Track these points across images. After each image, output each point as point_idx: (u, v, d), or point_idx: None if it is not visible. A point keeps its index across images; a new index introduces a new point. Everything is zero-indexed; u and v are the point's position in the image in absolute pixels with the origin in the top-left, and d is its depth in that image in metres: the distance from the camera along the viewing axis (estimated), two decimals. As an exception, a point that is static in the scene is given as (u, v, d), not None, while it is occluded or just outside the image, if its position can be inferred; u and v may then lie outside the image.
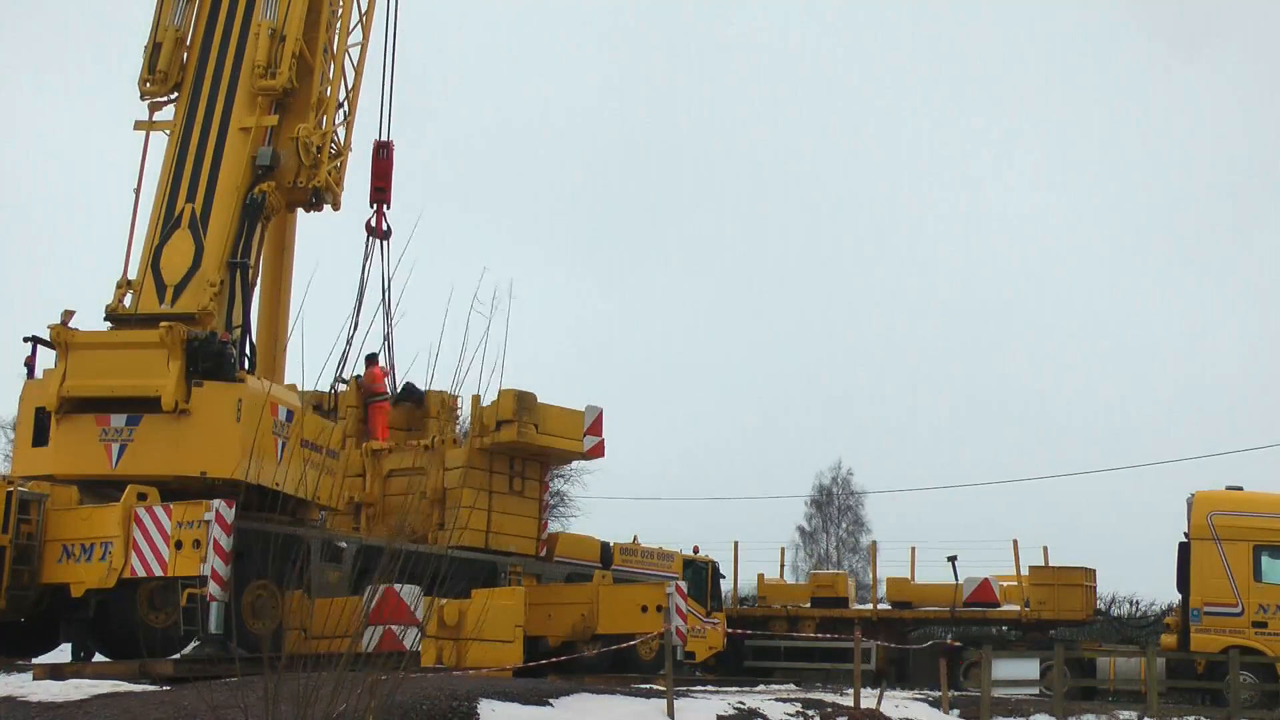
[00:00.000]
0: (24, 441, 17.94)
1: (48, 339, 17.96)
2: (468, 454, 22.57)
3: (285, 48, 19.51)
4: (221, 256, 18.63)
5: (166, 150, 19.34)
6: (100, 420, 17.51)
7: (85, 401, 17.53)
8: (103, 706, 13.34)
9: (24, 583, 16.88)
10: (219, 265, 18.60)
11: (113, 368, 17.49)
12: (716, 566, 28.72)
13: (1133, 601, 35.97)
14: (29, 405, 17.93)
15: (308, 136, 19.50)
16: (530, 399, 22.45)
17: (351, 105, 20.97)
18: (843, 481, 57.09)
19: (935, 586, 30.45)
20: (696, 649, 25.76)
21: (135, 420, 17.44)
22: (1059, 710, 19.47)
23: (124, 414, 17.39)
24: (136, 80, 19.63)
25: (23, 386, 18.15)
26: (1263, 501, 24.63)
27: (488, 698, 13.73)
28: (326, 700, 9.25)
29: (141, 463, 17.25)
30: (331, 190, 20.21)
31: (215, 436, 17.23)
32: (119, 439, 17.50)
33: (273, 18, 19.64)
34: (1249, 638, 23.61)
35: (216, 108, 19.33)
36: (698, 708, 15.84)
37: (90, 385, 17.49)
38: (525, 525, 23.13)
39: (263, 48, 19.42)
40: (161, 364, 17.38)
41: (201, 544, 15.70)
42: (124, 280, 18.65)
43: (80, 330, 17.91)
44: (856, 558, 52.55)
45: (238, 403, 17.33)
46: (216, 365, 17.65)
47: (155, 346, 17.46)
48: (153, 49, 19.59)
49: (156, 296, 18.42)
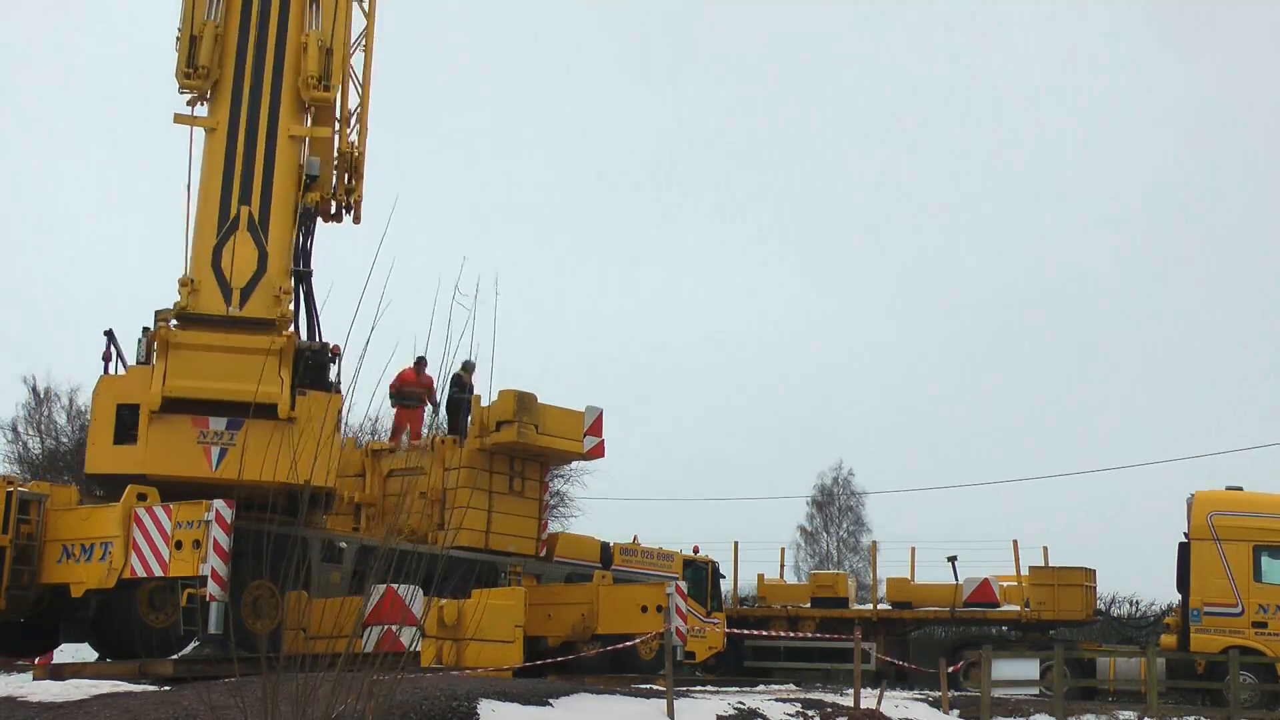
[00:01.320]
0: (104, 438, 17.53)
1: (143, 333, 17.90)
2: (468, 454, 22.59)
3: (335, 60, 19.63)
4: (284, 263, 18.72)
5: (210, 148, 19.09)
6: (198, 422, 17.34)
7: (185, 402, 17.31)
8: (103, 706, 13.36)
9: (24, 583, 16.92)
10: (284, 272, 18.69)
11: (219, 370, 17.21)
12: (716, 566, 28.71)
13: (1133, 601, 35.99)
14: (109, 401, 17.59)
15: (348, 149, 19.75)
16: (530, 399, 22.46)
17: (363, 119, 20.91)
18: (843, 482, 57.10)
19: (935, 586, 30.44)
20: (696, 649, 25.75)
21: (236, 424, 17.28)
22: (1059, 710, 19.46)
23: (224, 417, 17.22)
24: (175, 72, 19.30)
25: (98, 382, 17.93)
26: (1263, 501, 24.63)
27: (487, 698, 13.73)
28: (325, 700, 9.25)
29: (242, 468, 16.91)
30: (358, 203, 20.31)
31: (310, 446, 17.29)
32: (219, 442, 17.38)
33: (319, 28, 19.64)
34: (1249, 638, 23.60)
35: (261, 111, 19.19)
36: (698, 708, 15.84)
37: (194, 387, 17.24)
38: (525, 525, 23.14)
39: (314, 59, 19.41)
40: (273, 371, 17.40)
41: (201, 544, 15.73)
42: (187, 279, 18.30)
43: (183, 330, 17.72)
44: (857, 558, 52.52)
45: (339, 414, 17.38)
46: (319, 375, 17.90)
47: (267, 353, 17.43)
48: (189, 42, 19.19)
49: (222, 298, 18.24)
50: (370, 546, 19.09)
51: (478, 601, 17.96)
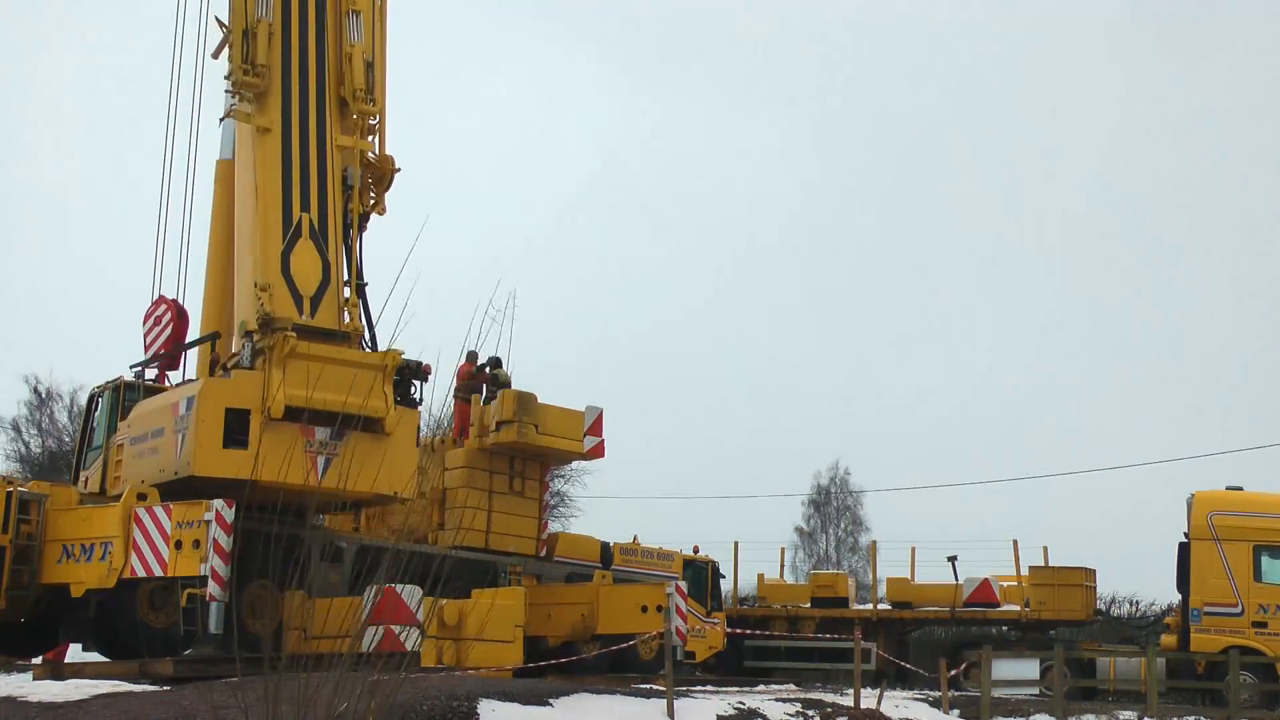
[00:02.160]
0: (211, 441, 17.35)
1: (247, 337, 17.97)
2: (468, 454, 22.58)
3: (376, 73, 19.71)
4: (341, 273, 18.81)
5: (266, 150, 18.85)
6: (305, 432, 17.37)
7: (297, 411, 17.26)
8: (103, 706, 13.35)
9: (24, 583, 16.92)
10: (342, 282, 18.80)
11: (330, 382, 17.29)
12: (716, 566, 28.72)
13: (1133, 601, 36.04)
14: (217, 404, 17.46)
15: (376, 158, 19.70)
16: (530, 399, 22.46)
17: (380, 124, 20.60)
18: (840, 481, 57.13)
19: (935, 586, 30.45)
20: (696, 649, 25.76)
21: (340, 435, 17.47)
22: (1059, 710, 19.45)
23: (327, 428, 17.37)
24: (229, 66, 19.13)
25: (203, 384, 17.89)
26: (1263, 501, 24.63)
27: (488, 698, 13.72)
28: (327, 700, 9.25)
29: (344, 478, 17.10)
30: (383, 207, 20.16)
31: (405, 459, 18.06)
32: (324, 452, 17.54)
33: (360, 41, 19.61)
34: (1249, 638, 23.61)
35: (310, 118, 19.09)
36: (698, 708, 15.83)
37: (310, 397, 17.19)
38: (525, 525, 23.13)
39: (359, 72, 19.43)
40: (379, 385, 17.78)
41: (201, 544, 15.70)
42: (264, 284, 18.10)
43: (301, 340, 17.73)
44: (856, 558, 52.57)
45: (418, 427, 18.57)
46: (406, 390, 18.48)
47: (374, 368, 17.98)
48: (243, 38, 18.86)
49: (294, 305, 18.25)
50: (370, 546, 19.08)
51: (478, 602, 17.95)
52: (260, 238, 18.40)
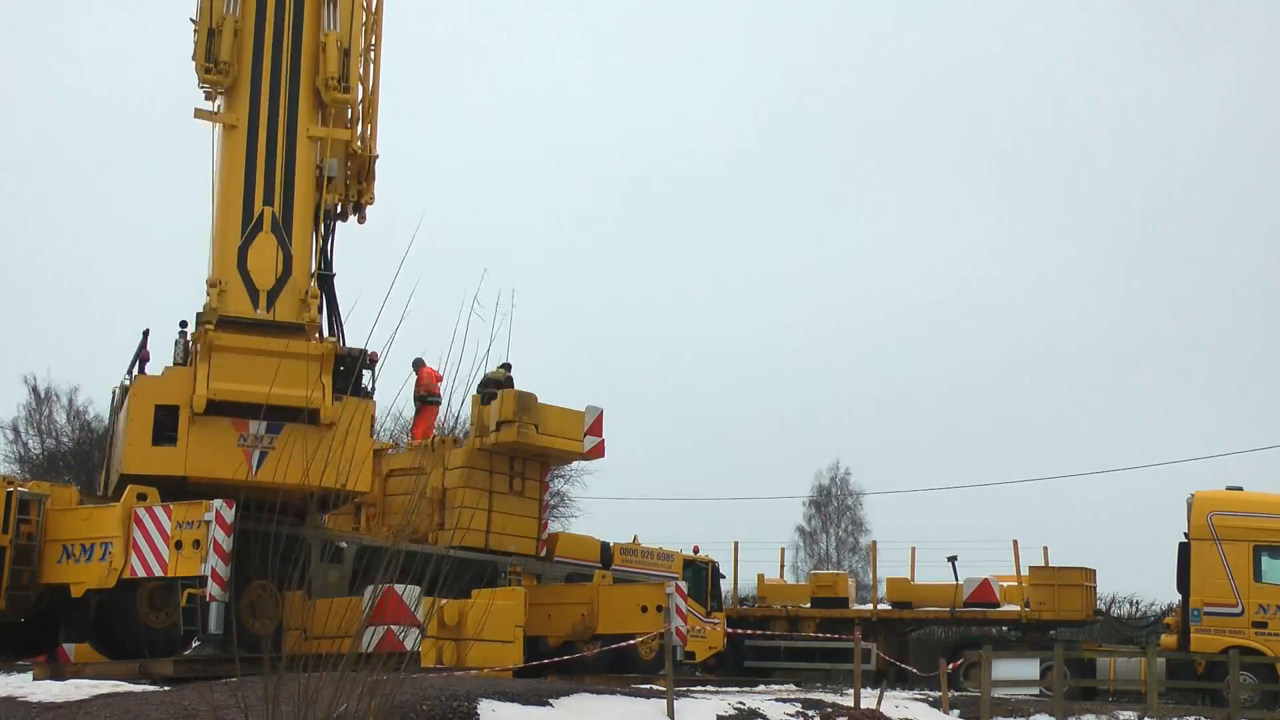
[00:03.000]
0: (141, 439, 17.45)
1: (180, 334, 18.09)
2: (468, 454, 22.59)
3: (351, 61, 19.54)
4: (308, 266, 18.72)
5: (230, 146, 18.94)
6: (239, 425, 17.34)
7: (227, 405, 17.34)
8: (103, 706, 13.35)
9: (24, 583, 16.92)
10: (308, 274, 18.69)
11: (261, 374, 16.99)
12: (716, 566, 28.73)
13: (1133, 601, 36.01)
14: (147, 402, 17.54)
15: (361, 149, 19.67)
16: (530, 399, 22.47)
17: (373, 113, 20.74)
18: (841, 481, 57.16)
19: (935, 586, 30.45)
20: (696, 649, 25.77)
21: (276, 429, 17.31)
22: (1059, 710, 19.45)
23: (264, 421, 17.17)
24: (194, 65, 19.14)
25: (134, 381, 17.92)
26: (1263, 501, 24.65)
27: (488, 698, 13.72)
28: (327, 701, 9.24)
29: (282, 471, 16.83)
30: (370, 197, 20.19)
31: (353, 451, 17.16)
32: (259, 446, 17.37)
33: (337, 29, 19.54)
34: (1249, 638, 23.63)
35: (280, 110, 19.07)
36: (698, 708, 15.83)
37: (237, 390, 17.22)
38: (525, 525, 23.15)
39: (334, 60, 19.31)
40: (315, 376, 17.52)
41: (201, 544, 15.71)
42: (215, 280, 18.24)
43: (224, 333, 17.73)
44: (856, 558, 52.58)
45: (372, 418, 18.02)
46: (354, 380, 17.94)
47: (309, 358, 17.62)
48: (207, 36, 18.98)
49: (249, 300, 18.23)
50: (370, 546, 19.09)
51: (478, 602, 17.96)
52: (218, 233, 18.50)
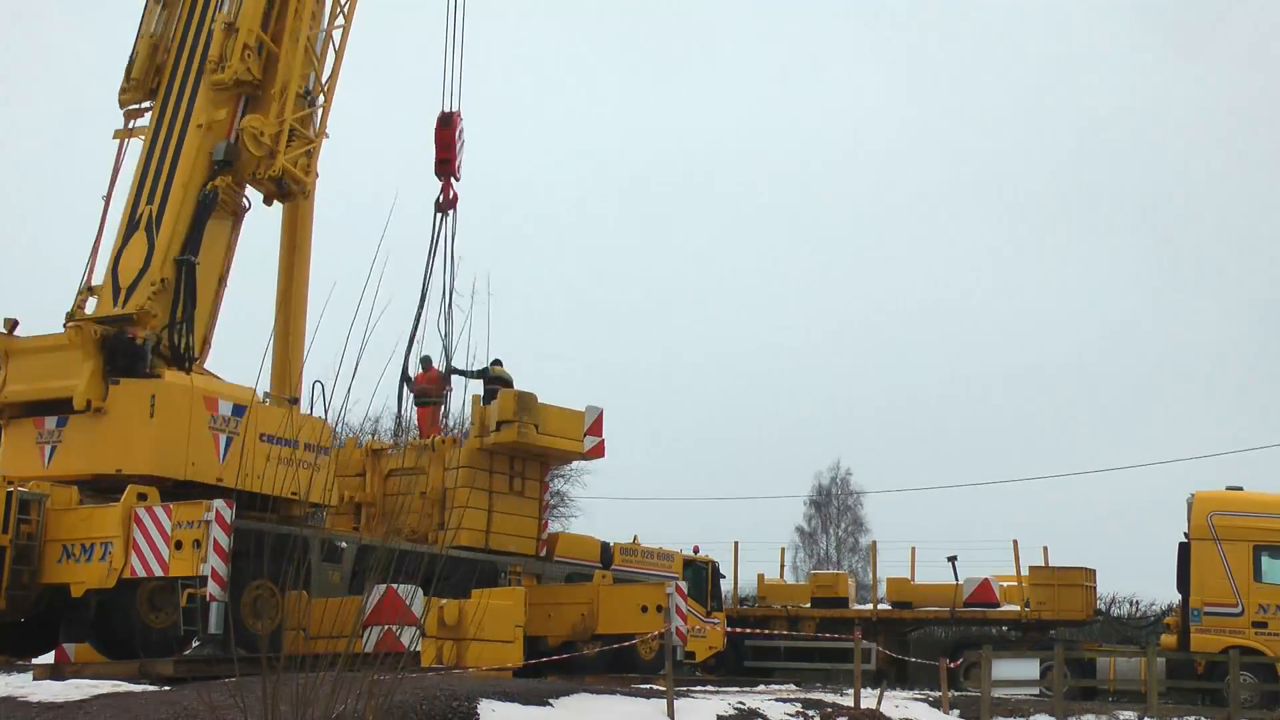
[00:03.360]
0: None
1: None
2: (468, 454, 22.58)
3: (237, 40, 19.43)
4: (169, 255, 18.70)
5: (140, 156, 19.45)
6: (37, 423, 17.87)
7: (24, 405, 17.91)
8: (103, 706, 13.36)
9: (24, 583, 16.90)
10: (165, 263, 18.67)
11: (42, 371, 17.75)
12: (716, 566, 28.71)
13: (1133, 601, 36.03)
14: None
15: (257, 127, 19.39)
16: (530, 399, 22.45)
17: (329, 90, 20.64)
18: (841, 481, 57.16)
19: (935, 586, 30.43)
20: (696, 649, 25.75)
21: (64, 422, 17.71)
22: (1059, 710, 19.45)
23: (54, 416, 17.68)
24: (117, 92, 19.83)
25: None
26: (1263, 501, 24.64)
27: (488, 698, 13.73)
28: (326, 700, 9.25)
29: (67, 463, 17.55)
30: (295, 178, 19.85)
31: (129, 433, 17.45)
32: (51, 440, 17.81)
33: (229, 11, 19.66)
34: (1249, 638, 23.62)
35: (181, 108, 19.38)
36: (698, 708, 15.84)
37: (25, 390, 17.85)
38: (525, 525, 23.13)
39: (217, 42, 19.43)
40: (77, 364, 17.61)
41: (201, 544, 15.72)
42: (86, 285, 18.85)
43: (19, 337, 18.19)
44: (856, 558, 52.58)
45: (151, 399, 17.46)
46: (133, 362, 17.78)
47: (70, 347, 17.74)
48: (130, 58, 19.79)
49: (112, 299, 18.54)
50: (370, 546, 19.08)
51: (478, 601, 17.95)
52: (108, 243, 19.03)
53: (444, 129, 24.70)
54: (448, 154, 24.72)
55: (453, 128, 24.69)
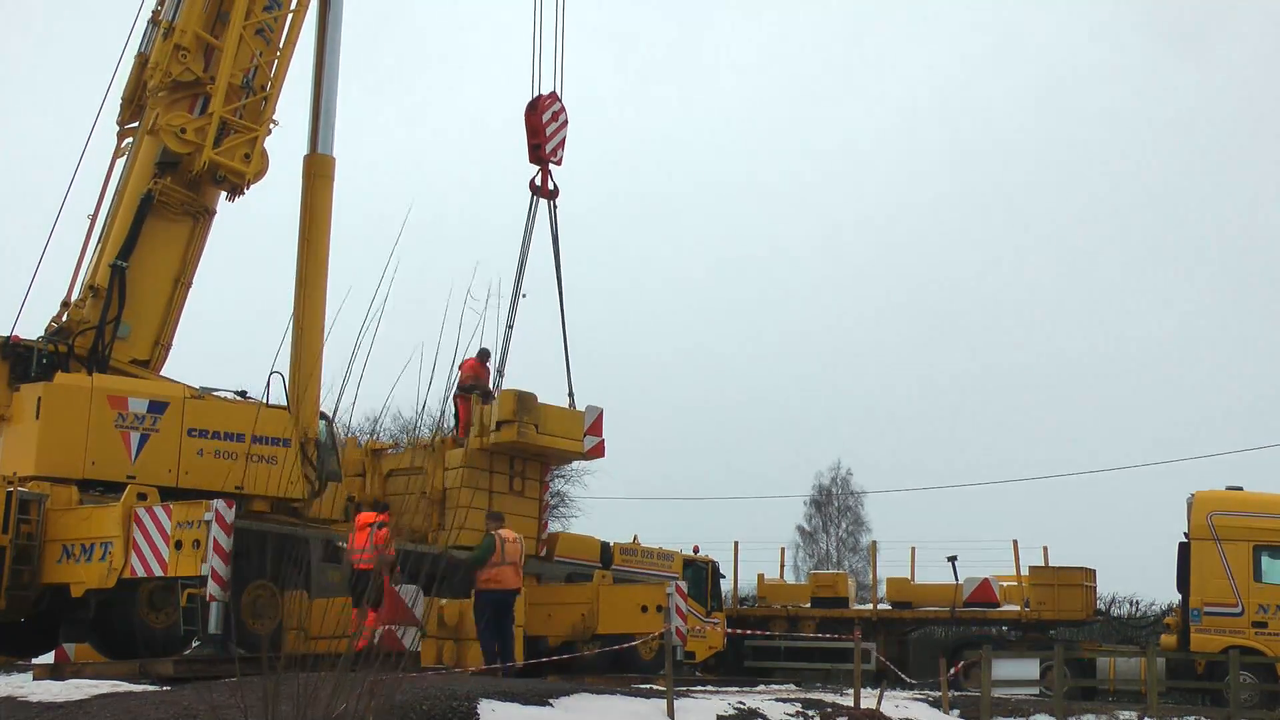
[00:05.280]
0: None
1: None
2: (468, 454, 22.58)
3: (170, 42, 19.44)
4: (105, 261, 18.98)
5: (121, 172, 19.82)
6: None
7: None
8: (103, 706, 13.34)
9: (24, 583, 16.91)
10: (100, 269, 18.98)
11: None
12: (716, 566, 28.73)
13: (1133, 601, 36.03)
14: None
15: (175, 124, 19.34)
16: (530, 399, 22.46)
17: (277, 78, 20.31)
18: (842, 481, 57.18)
19: (935, 586, 30.45)
20: (696, 649, 25.76)
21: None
22: (1059, 710, 19.44)
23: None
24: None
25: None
26: (1263, 501, 24.63)
27: (488, 698, 13.71)
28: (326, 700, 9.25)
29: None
30: (232, 170, 19.54)
31: (22, 437, 17.84)
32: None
33: (168, 11, 19.77)
34: (1249, 638, 23.61)
35: (149, 119, 19.60)
36: (698, 708, 15.82)
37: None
38: (525, 525, 23.12)
39: (156, 46, 19.57)
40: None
41: (201, 544, 15.70)
42: (66, 300, 19.21)
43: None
44: (856, 558, 52.59)
45: (36, 401, 17.83)
46: (27, 368, 18.14)
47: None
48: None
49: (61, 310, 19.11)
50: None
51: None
52: None
53: (531, 114, 24.66)
54: (537, 139, 24.68)
55: (539, 111, 24.61)
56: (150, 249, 19.25)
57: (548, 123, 24.73)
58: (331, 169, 20.95)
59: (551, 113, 24.77)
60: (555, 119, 24.82)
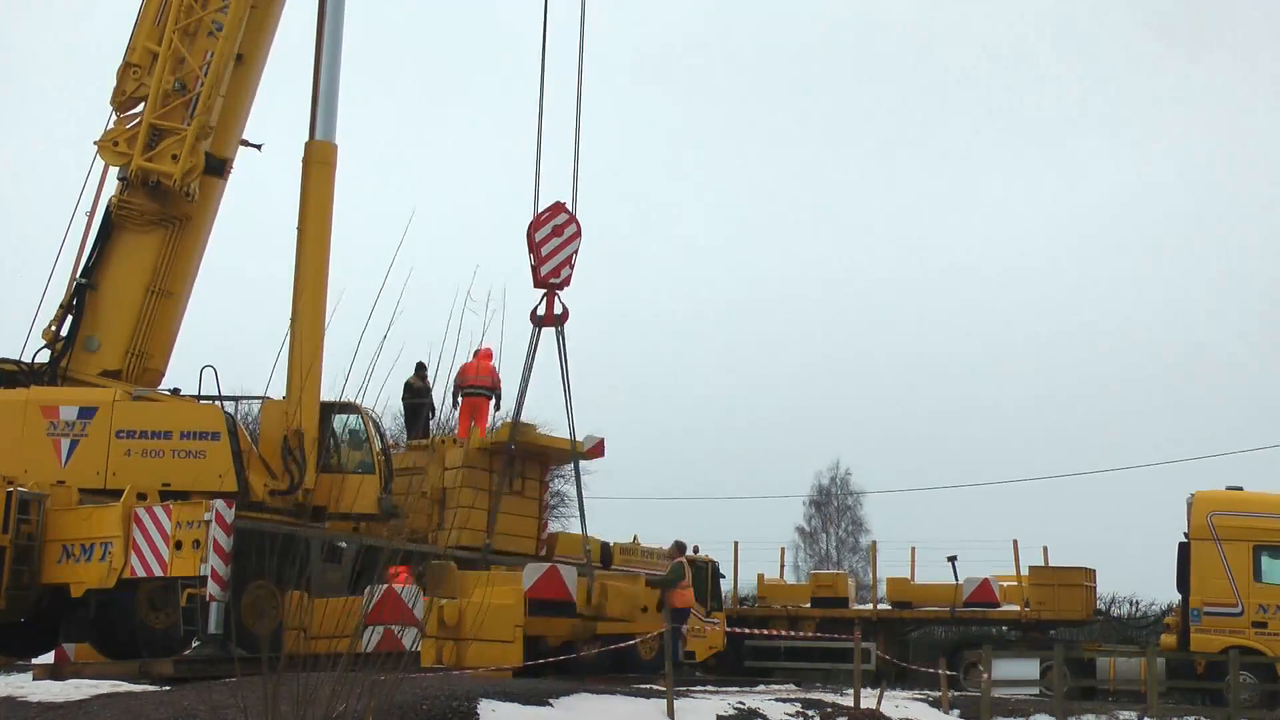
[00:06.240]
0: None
1: None
2: (468, 454, 22.56)
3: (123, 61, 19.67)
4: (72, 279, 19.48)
5: None
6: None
7: None
8: (103, 706, 13.37)
9: (24, 583, 16.93)
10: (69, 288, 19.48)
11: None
12: (716, 566, 28.72)
13: (1133, 601, 36.04)
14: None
15: (110, 135, 19.48)
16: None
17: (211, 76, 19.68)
18: (841, 481, 57.16)
19: (935, 586, 30.43)
20: (696, 649, 25.76)
21: None
22: (1059, 710, 19.45)
23: None
24: None
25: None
26: (1263, 501, 24.62)
27: (488, 698, 13.73)
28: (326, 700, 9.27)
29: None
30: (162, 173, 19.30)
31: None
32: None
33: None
34: (1249, 638, 23.60)
35: None
36: (698, 708, 15.84)
37: None
38: (525, 525, 23.13)
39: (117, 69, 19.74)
40: None
41: (201, 544, 15.74)
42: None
43: None
44: (856, 558, 52.56)
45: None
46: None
47: None
48: None
49: None
50: (370, 546, 19.08)
51: (478, 602, 17.95)
52: None
53: (531, 231, 21.59)
54: (536, 261, 21.50)
55: (533, 229, 21.52)
56: (117, 261, 19.58)
57: (548, 238, 21.43)
58: (333, 156, 20.75)
59: (553, 227, 21.46)
60: (558, 234, 21.44)
